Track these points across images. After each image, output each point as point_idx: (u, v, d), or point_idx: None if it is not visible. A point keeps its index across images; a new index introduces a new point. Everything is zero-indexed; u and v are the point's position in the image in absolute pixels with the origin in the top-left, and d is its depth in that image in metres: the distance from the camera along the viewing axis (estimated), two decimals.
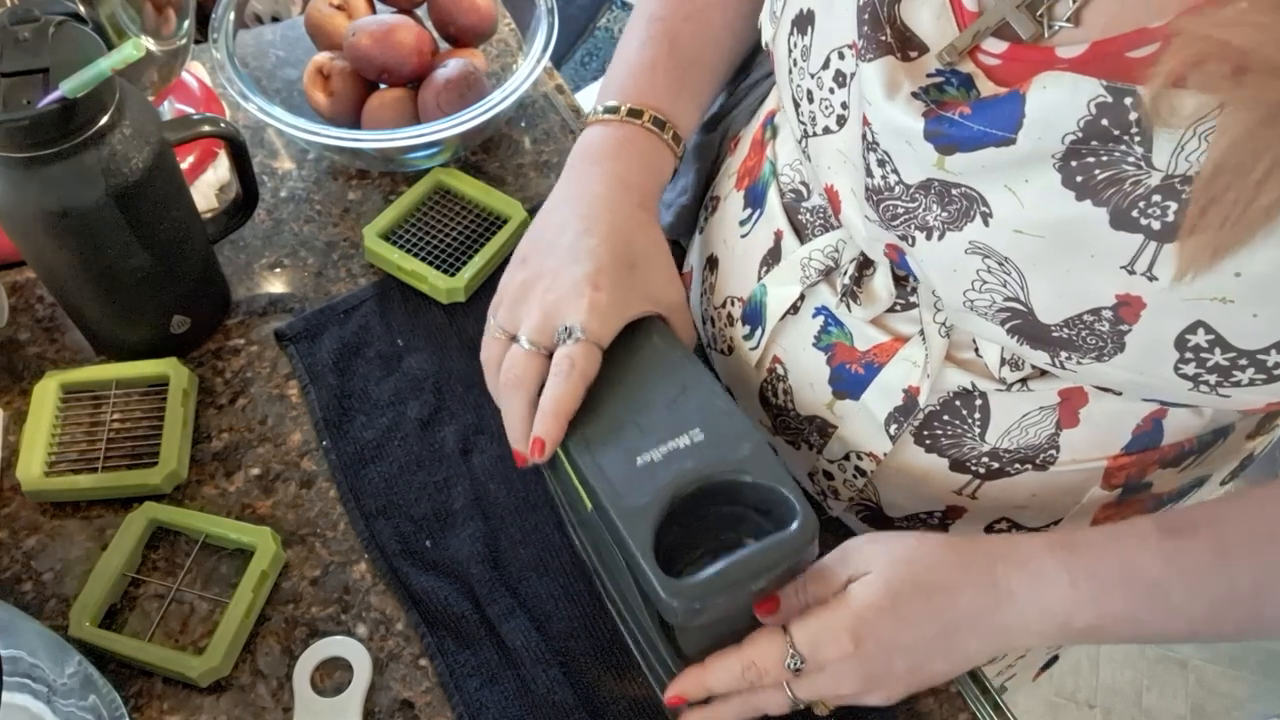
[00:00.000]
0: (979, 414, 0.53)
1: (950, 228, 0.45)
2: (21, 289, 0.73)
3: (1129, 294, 0.41)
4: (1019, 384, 0.51)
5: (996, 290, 0.45)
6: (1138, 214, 0.39)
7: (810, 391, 0.59)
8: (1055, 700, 1.63)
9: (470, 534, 0.62)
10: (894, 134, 0.44)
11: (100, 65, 0.53)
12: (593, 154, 0.60)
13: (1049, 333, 0.45)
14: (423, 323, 0.72)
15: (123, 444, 0.65)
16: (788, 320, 0.59)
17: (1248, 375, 0.42)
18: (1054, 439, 0.53)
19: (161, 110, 0.77)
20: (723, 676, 0.49)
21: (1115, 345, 0.43)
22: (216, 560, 0.62)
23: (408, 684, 0.58)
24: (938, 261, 0.47)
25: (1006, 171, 0.41)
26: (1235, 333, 0.40)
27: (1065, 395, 0.51)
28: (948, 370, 0.52)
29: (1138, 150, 0.37)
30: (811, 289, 0.57)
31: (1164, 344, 0.42)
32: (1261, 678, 1.66)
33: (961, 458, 0.55)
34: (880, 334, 0.55)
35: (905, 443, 0.56)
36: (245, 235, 0.77)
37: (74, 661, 0.50)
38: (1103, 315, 0.42)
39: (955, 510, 0.59)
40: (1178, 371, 0.43)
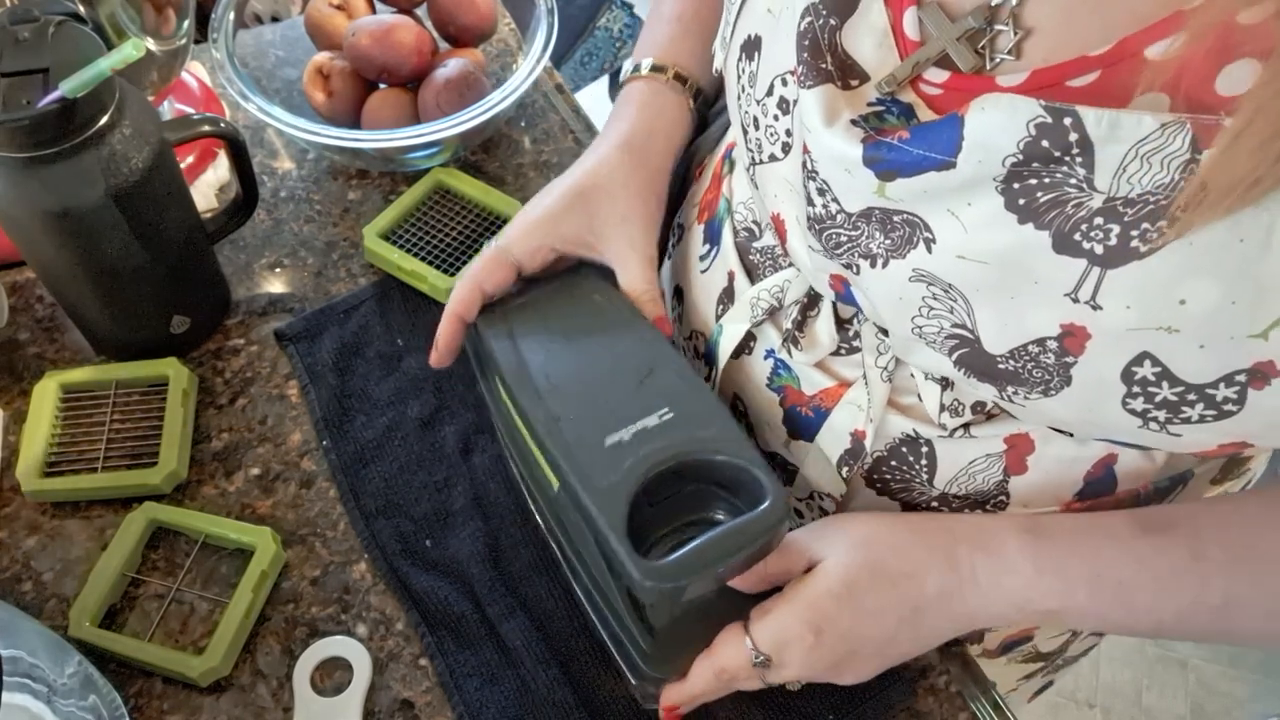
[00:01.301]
0: (925, 460, 0.53)
1: (894, 255, 0.44)
2: (21, 289, 0.73)
3: (1073, 324, 0.40)
4: (960, 430, 0.51)
5: (944, 316, 0.44)
6: (1080, 237, 0.38)
7: (769, 430, 0.61)
8: (1055, 700, 1.63)
9: (470, 534, 0.62)
10: (833, 162, 0.44)
11: (100, 65, 0.53)
12: (616, 112, 0.63)
13: (995, 364, 0.44)
14: (423, 322, 0.72)
15: (123, 444, 0.65)
16: (743, 359, 0.60)
17: (1197, 411, 0.40)
18: (1003, 485, 0.52)
19: (161, 110, 0.77)
20: (700, 684, 0.50)
21: (1061, 379, 0.42)
22: (216, 560, 0.62)
23: (408, 684, 0.58)
24: (883, 290, 0.46)
25: (948, 196, 0.41)
26: (1182, 366, 0.39)
27: (1011, 442, 0.51)
28: (890, 416, 0.53)
29: (1080, 172, 0.37)
30: (759, 329, 0.58)
31: (1111, 378, 0.41)
32: (1261, 677, 1.66)
33: (912, 501, 0.56)
34: (825, 378, 0.55)
35: (858, 485, 0.57)
36: (245, 235, 0.77)
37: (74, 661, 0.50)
38: (1048, 346, 0.42)
39: None
40: (1125, 407, 0.42)
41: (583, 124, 0.85)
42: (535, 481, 0.57)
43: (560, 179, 0.60)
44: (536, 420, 0.52)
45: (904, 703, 0.58)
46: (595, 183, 0.58)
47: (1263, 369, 0.38)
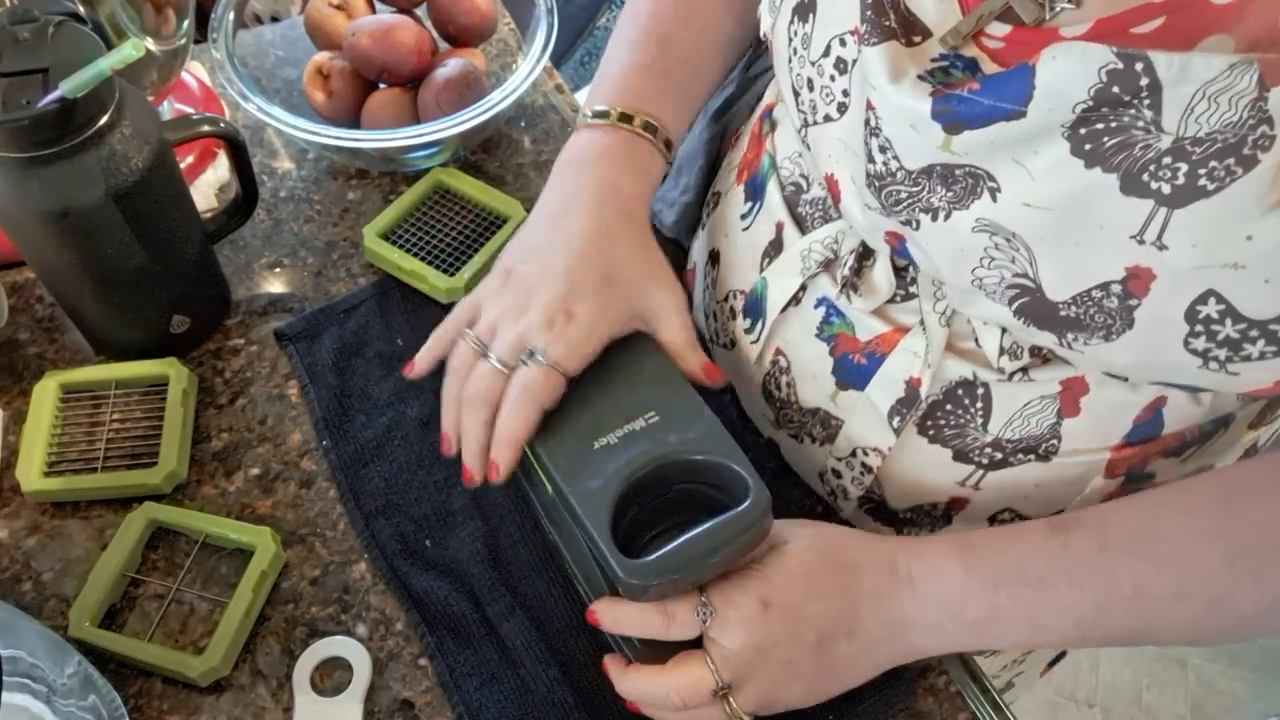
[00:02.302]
0: (981, 403, 0.53)
1: (956, 207, 0.45)
2: (21, 289, 0.73)
3: (1138, 266, 0.41)
4: (1019, 373, 0.52)
5: (1005, 267, 0.45)
6: (1148, 178, 0.39)
7: (813, 383, 0.60)
8: (1055, 699, 1.63)
9: (470, 534, 0.62)
10: (899, 117, 0.44)
11: (100, 65, 0.53)
12: (580, 159, 0.59)
13: (1056, 312, 0.45)
14: (422, 322, 0.72)
15: (122, 444, 0.65)
16: (790, 312, 0.59)
17: (1258, 348, 0.41)
18: (1055, 428, 0.53)
19: (161, 110, 0.77)
20: (634, 613, 0.50)
21: (1124, 322, 0.43)
22: (216, 560, 0.62)
23: (408, 684, 0.58)
24: (944, 243, 0.47)
25: (1015, 146, 0.41)
26: (1246, 301, 0.40)
27: (1066, 385, 0.51)
28: (948, 360, 0.53)
29: (1147, 114, 0.37)
30: (812, 280, 0.57)
31: (1174, 317, 0.42)
32: (1261, 676, 1.66)
33: (965, 448, 0.56)
34: (882, 324, 0.55)
35: (909, 434, 0.57)
36: (245, 235, 0.77)
37: (74, 661, 0.50)
38: (1111, 290, 0.42)
39: (959, 502, 0.59)
40: (1187, 347, 0.43)
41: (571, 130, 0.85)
42: (533, 484, 0.57)
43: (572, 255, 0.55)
44: None
45: (904, 703, 0.58)
46: (616, 263, 0.55)
47: None
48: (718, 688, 0.49)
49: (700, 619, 0.49)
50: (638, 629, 0.51)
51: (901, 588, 0.50)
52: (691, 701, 0.50)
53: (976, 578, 0.49)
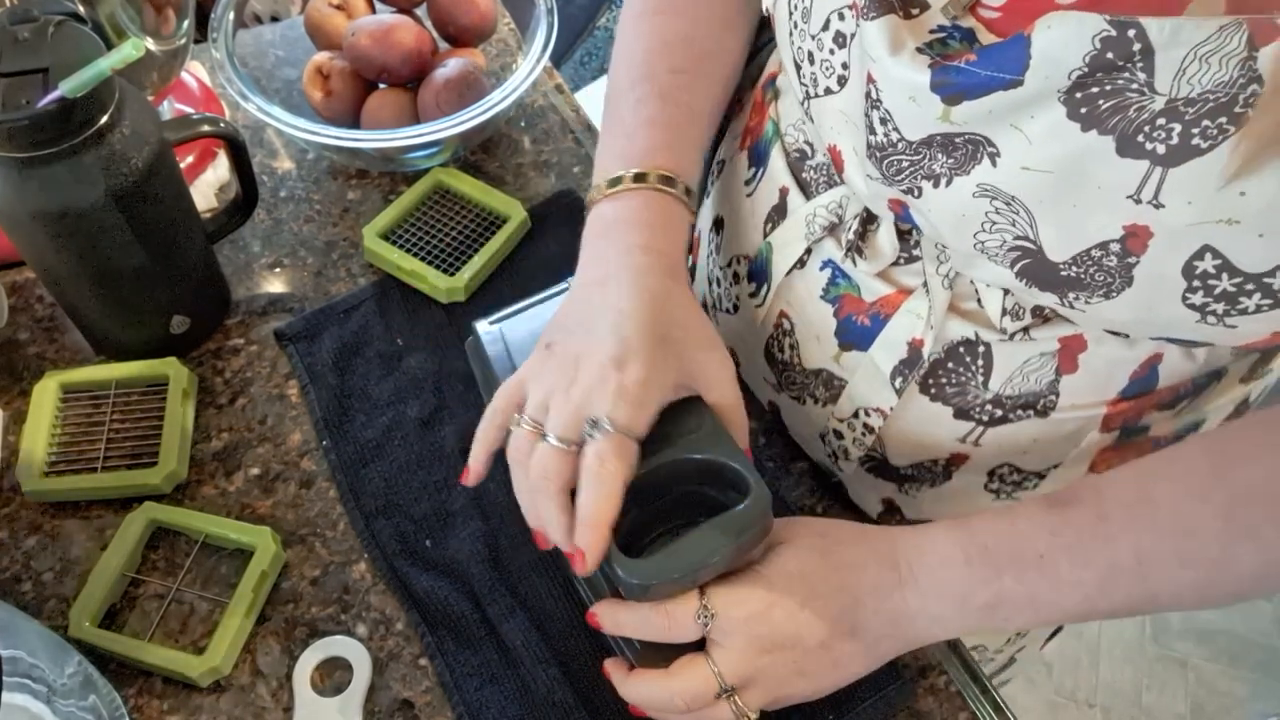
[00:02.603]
0: (982, 361, 0.54)
1: (957, 173, 0.46)
2: (21, 289, 0.73)
3: (1136, 224, 0.42)
4: (1020, 333, 0.53)
5: (1006, 230, 0.46)
6: (1143, 139, 0.40)
7: (816, 345, 0.61)
8: (1055, 699, 1.63)
9: (470, 534, 0.62)
10: (899, 90, 0.45)
11: (100, 65, 0.53)
12: (608, 232, 0.56)
13: (1057, 272, 0.46)
14: (422, 322, 0.72)
15: (123, 444, 0.65)
16: (795, 274, 0.60)
17: (1254, 301, 0.43)
18: (1054, 385, 0.54)
19: (161, 110, 0.77)
20: (635, 617, 0.50)
21: (1123, 280, 0.44)
22: (216, 560, 0.62)
23: (408, 684, 0.58)
24: (946, 209, 0.48)
25: (1013, 113, 0.42)
26: (1242, 256, 0.41)
27: (1065, 342, 0.52)
28: (951, 321, 0.54)
29: (1140, 77, 0.38)
30: (817, 244, 0.58)
31: (1172, 274, 0.43)
32: (1261, 676, 1.66)
33: (965, 405, 0.57)
34: (886, 286, 0.56)
35: (911, 393, 0.58)
36: (245, 235, 0.77)
37: (74, 661, 0.50)
38: (1110, 249, 0.44)
39: (959, 458, 0.60)
40: (1185, 302, 0.44)
41: (583, 124, 0.85)
42: None
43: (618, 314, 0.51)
44: None
45: (904, 703, 0.58)
46: (667, 323, 0.52)
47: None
48: (721, 690, 0.49)
49: (701, 622, 0.49)
50: (639, 631, 0.51)
51: (904, 582, 0.50)
52: (695, 704, 0.50)
53: (979, 565, 0.49)
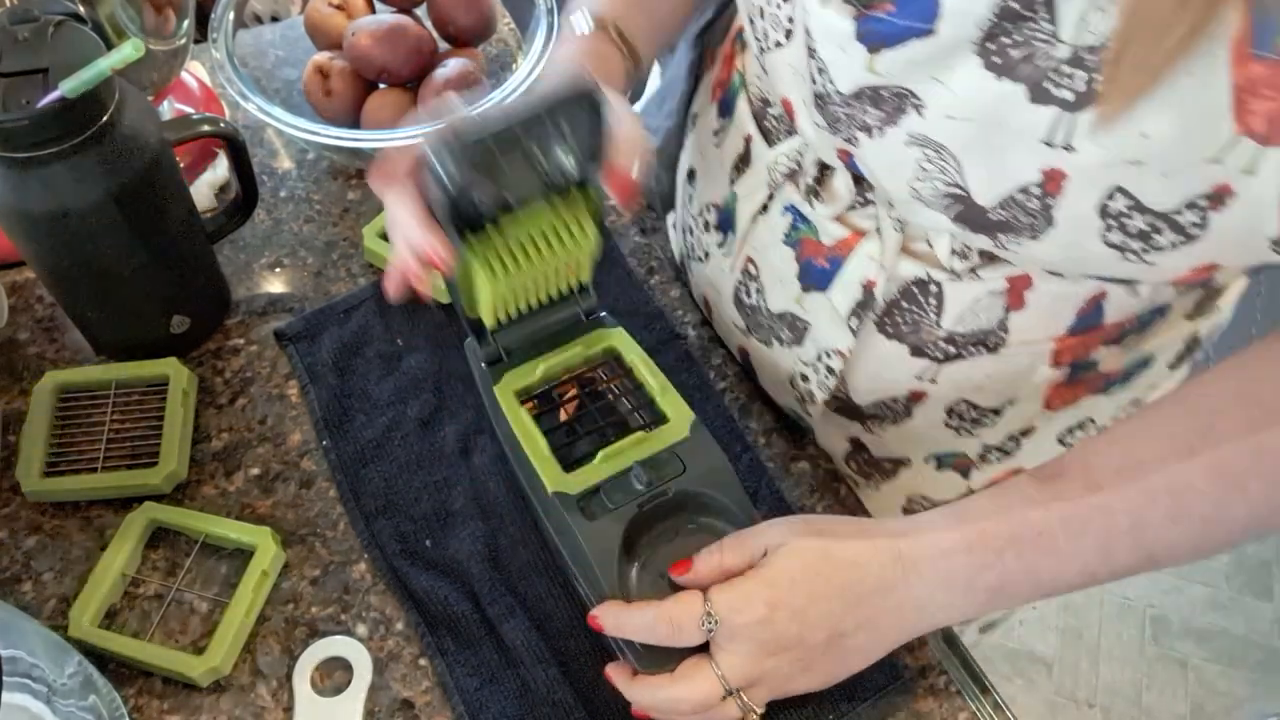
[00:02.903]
0: (934, 300, 0.57)
1: (888, 124, 0.49)
2: (21, 289, 0.73)
3: (1052, 168, 0.45)
4: (969, 272, 0.55)
5: (938, 178, 0.49)
6: (1051, 86, 0.42)
7: (780, 288, 0.64)
8: (1055, 699, 1.63)
9: (470, 533, 0.62)
10: (829, 39, 0.48)
11: (100, 65, 0.53)
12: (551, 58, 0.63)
13: (987, 216, 0.49)
14: (422, 322, 0.72)
15: (123, 444, 0.65)
16: (759, 220, 0.63)
17: (1167, 238, 0.45)
18: (1003, 322, 0.57)
19: (161, 110, 0.77)
20: (638, 621, 0.51)
21: (1045, 220, 0.47)
22: (216, 560, 0.62)
23: (408, 684, 0.58)
24: (882, 157, 0.51)
25: (931, 64, 0.45)
26: (1149, 195, 0.44)
27: (1012, 281, 0.55)
28: (904, 261, 0.57)
29: (1046, 27, 0.41)
30: (779, 190, 0.61)
31: (1088, 213, 0.46)
32: (1261, 676, 1.66)
33: (920, 343, 0.60)
34: (842, 229, 0.58)
35: (869, 333, 0.61)
36: (245, 235, 0.77)
37: (74, 661, 0.50)
38: (1031, 192, 0.46)
39: (917, 395, 0.63)
40: (1104, 240, 0.47)
41: None
42: (531, 483, 0.57)
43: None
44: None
45: (904, 703, 0.58)
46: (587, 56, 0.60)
47: (1220, 191, 0.43)
48: (727, 692, 0.50)
49: (706, 628, 0.49)
50: (642, 636, 0.51)
51: (908, 576, 0.50)
52: (702, 707, 0.50)
53: (979, 550, 0.49)
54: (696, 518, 0.55)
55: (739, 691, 0.50)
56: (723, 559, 0.51)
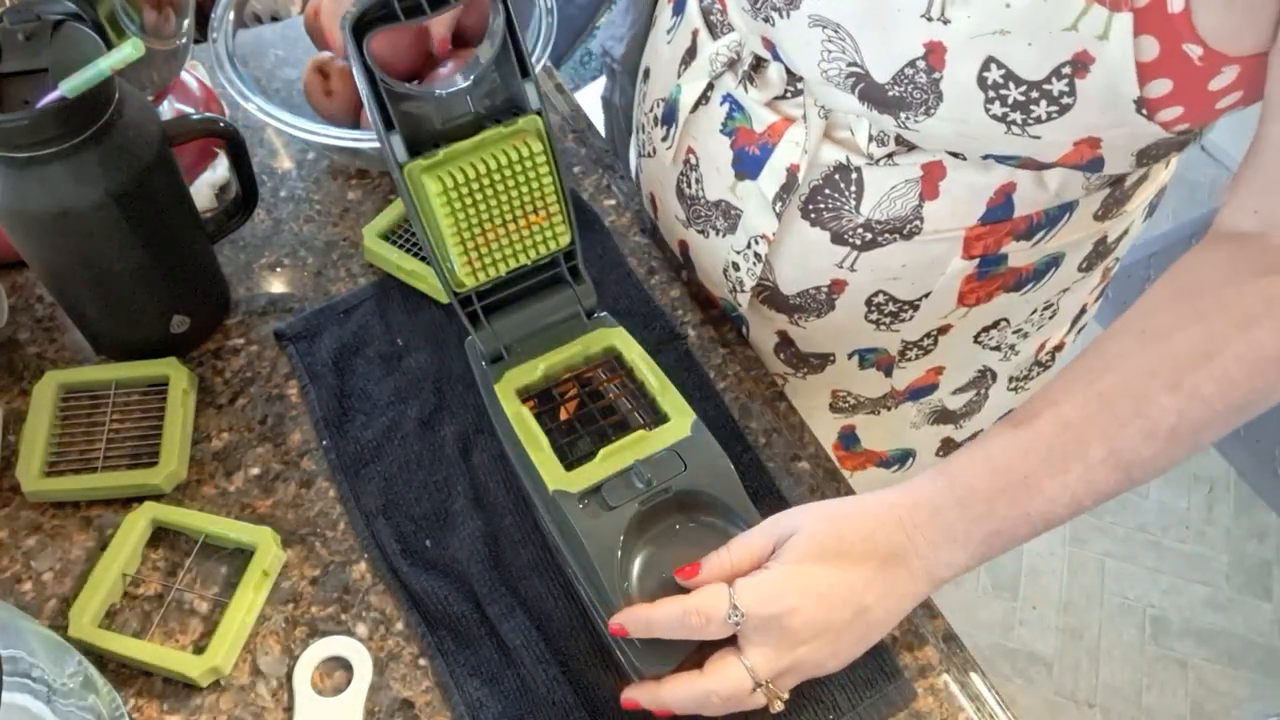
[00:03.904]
0: (854, 187, 0.61)
1: (791, 7, 0.54)
2: (21, 289, 0.73)
3: (932, 40, 0.49)
4: (885, 159, 0.59)
5: (840, 58, 0.54)
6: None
7: (716, 176, 0.67)
8: (1055, 699, 1.63)
9: (470, 533, 0.62)
10: None
11: (100, 65, 0.53)
12: None
13: (885, 92, 0.53)
14: (422, 322, 0.72)
15: (123, 444, 0.65)
16: (700, 111, 0.67)
17: (1043, 109, 0.50)
18: (918, 210, 0.60)
19: (161, 110, 0.77)
20: (666, 616, 0.51)
21: (934, 95, 0.52)
22: (216, 560, 0.62)
23: (408, 684, 0.58)
24: (793, 39, 0.56)
25: None
26: (1019, 64, 0.48)
27: (926, 169, 0.59)
28: (826, 147, 0.61)
29: None
30: (718, 79, 0.65)
31: (969, 84, 0.50)
32: (1261, 676, 1.66)
33: (840, 230, 0.63)
34: (773, 115, 0.62)
35: (793, 218, 0.64)
36: (245, 235, 0.77)
37: (74, 661, 0.50)
38: (919, 66, 0.51)
39: (838, 284, 0.67)
40: (988, 113, 0.51)
41: (583, 123, 0.85)
42: (532, 481, 0.57)
43: None
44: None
45: (904, 703, 0.58)
46: None
47: (1081, 59, 0.47)
48: (756, 684, 0.50)
49: (734, 622, 0.49)
50: (671, 633, 0.51)
51: (913, 539, 0.51)
52: (732, 700, 0.51)
53: (970, 503, 0.51)
54: (697, 516, 0.55)
55: (768, 683, 0.50)
56: (731, 561, 0.51)
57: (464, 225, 0.56)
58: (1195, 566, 1.76)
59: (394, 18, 0.52)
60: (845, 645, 0.51)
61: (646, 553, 0.54)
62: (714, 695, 0.50)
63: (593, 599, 0.54)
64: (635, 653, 0.52)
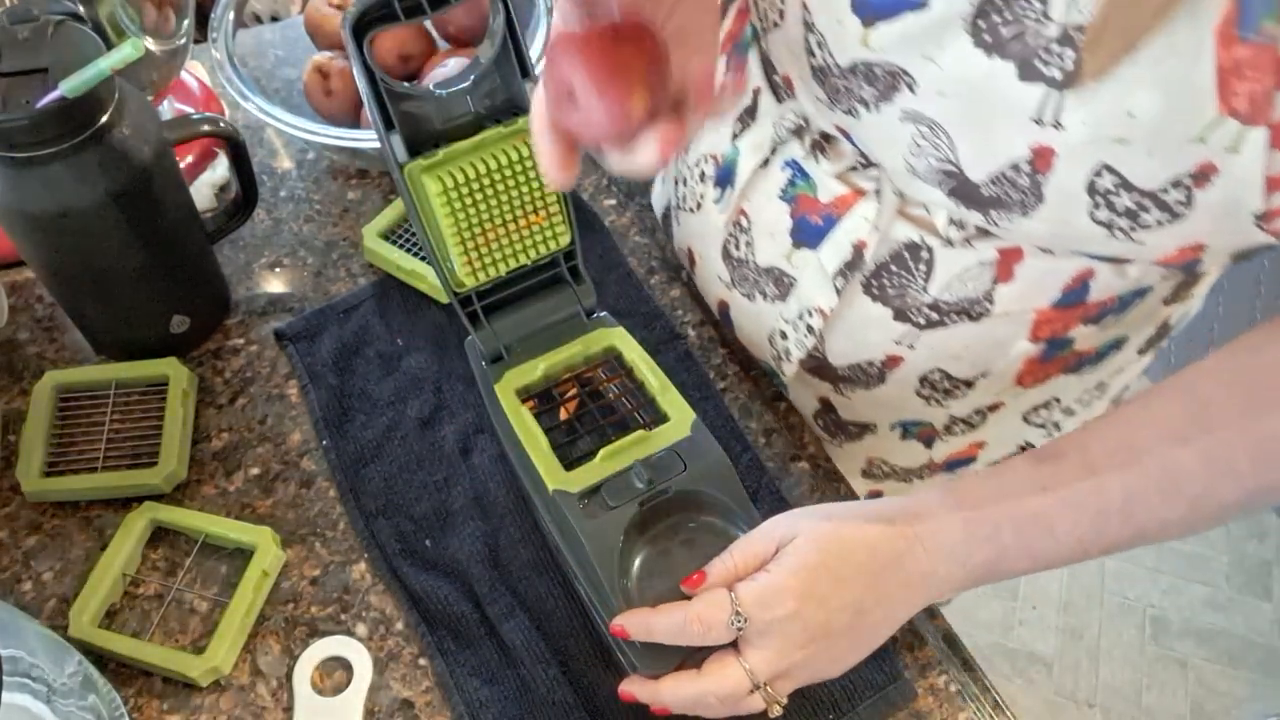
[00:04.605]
0: (924, 266, 0.58)
1: (882, 100, 0.50)
2: (21, 289, 0.73)
3: (1040, 144, 0.46)
4: (963, 241, 0.56)
5: (931, 154, 0.50)
6: (1040, 64, 0.43)
7: (770, 241, 0.64)
8: (1055, 699, 1.63)
9: (470, 533, 0.62)
10: (826, 10, 0.49)
11: (100, 65, 0.53)
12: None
13: (979, 191, 0.50)
14: (422, 322, 0.72)
15: (122, 444, 0.65)
16: (757, 174, 0.63)
17: (1153, 216, 0.46)
18: (990, 293, 0.57)
19: (161, 110, 0.77)
20: (667, 624, 0.50)
21: (1036, 197, 0.48)
22: (216, 560, 0.62)
23: (408, 684, 0.58)
24: (879, 132, 0.52)
25: (923, 41, 0.46)
26: (1136, 173, 0.45)
27: (1003, 253, 0.55)
28: (899, 224, 0.57)
29: (1037, 6, 0.42)
30: (782, 144, 0.61)
31: (1076, 190, 0.47)
32: (1261, 676, 1.66)
33: (904, 307, 0.60)
34: (842, 187, 0.59)
35: (854, 293, 0.61)
36: (245, 235, 0.77)
37: (74, 661, 0.50)
38: (1021, 169, 0.47)
39: (893, 360, 0.64)
40: (1093, 218, 0.48)
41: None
42: (532, 481, 0.57)
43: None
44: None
45: (904, 703, 0.58)
46: None
47: (1204, 170, 0.44)
48: (754, 686, 0.50)
49: (736, 626, 0.49)
50: (672, 638, 0.51)
51: (913, 548, 0.51)
52: (730, 701, 0.50)
53: (976, 526, 0.50)
54: (697, 517, 0.55)
55: (765, 685, 0.50)
56: (734, 564, 0.51)
57: (464, 225, 0.56)
58: (1195, 566, 1.76)
59: (394, 17, 0.52)
60: (843, 651, 0.51)
61: (646, 552, 0.54)
62: (711, 696, 0.50)
63: (593, 599, 0.54)
64: (635, 653, 0.52)
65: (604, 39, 0.44)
